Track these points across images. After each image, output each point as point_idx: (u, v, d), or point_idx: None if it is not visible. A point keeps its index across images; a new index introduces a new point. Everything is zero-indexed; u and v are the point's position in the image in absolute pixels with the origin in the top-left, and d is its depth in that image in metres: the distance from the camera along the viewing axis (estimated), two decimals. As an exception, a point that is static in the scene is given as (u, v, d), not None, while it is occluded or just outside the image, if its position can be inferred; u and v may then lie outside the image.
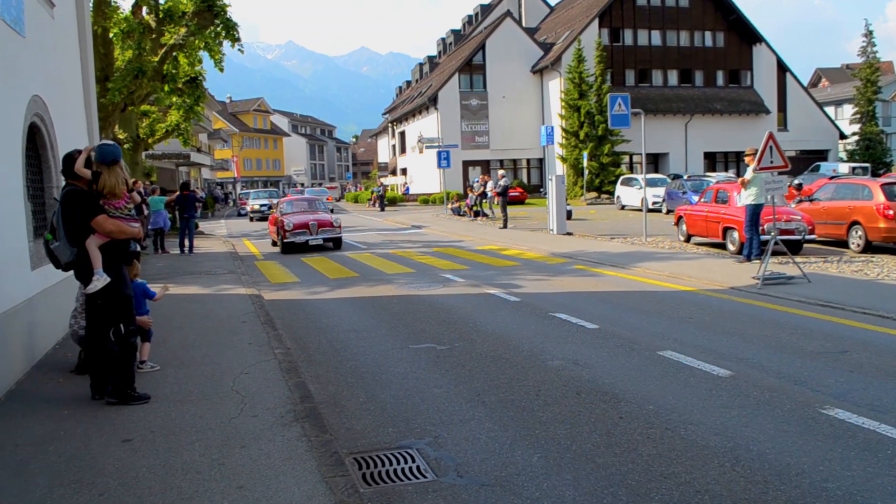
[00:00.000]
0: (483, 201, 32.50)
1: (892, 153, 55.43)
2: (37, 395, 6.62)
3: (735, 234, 15.99)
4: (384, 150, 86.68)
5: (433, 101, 54.32)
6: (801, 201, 19.06)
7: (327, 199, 56.85)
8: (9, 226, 7.30)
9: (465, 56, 56.21)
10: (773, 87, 53.05)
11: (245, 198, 54.88)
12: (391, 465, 5.07)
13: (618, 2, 51.18)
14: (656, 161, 51.08)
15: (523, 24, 60.95)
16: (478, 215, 32.34)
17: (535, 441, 5.40)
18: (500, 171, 31.00)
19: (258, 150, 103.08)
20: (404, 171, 66.48)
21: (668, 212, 28.83)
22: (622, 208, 35.59)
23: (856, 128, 55.96)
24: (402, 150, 67.81)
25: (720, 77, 53.36)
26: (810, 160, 47.04)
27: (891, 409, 5.76)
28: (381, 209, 46.10)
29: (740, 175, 15.81)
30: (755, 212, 14.03)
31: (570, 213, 25.97)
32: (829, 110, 59.64)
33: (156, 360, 7.49)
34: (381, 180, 70.31)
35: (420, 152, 55.49)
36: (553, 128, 30.83)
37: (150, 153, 37.00)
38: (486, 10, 71.22)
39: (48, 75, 9.27)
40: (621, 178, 38.81)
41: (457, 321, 9.94)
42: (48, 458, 5.05)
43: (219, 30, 20.61)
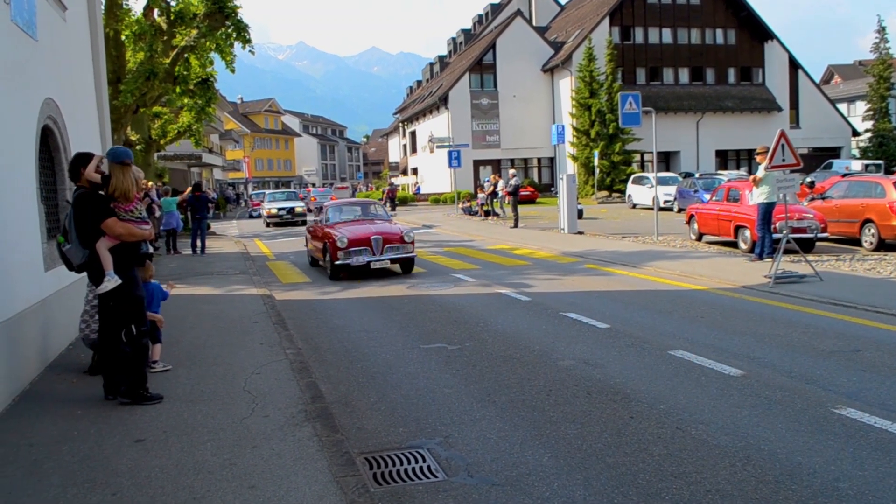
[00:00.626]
0: (494, 200, 32.48)
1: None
2: (50, 395, 6.67)
3: (747, 233, 15.92)
4: (395, 149, 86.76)
5: (444, 100, 54.31)
6: (813, 199, 18.96)
7: (331, 198, 55.63)
8: (23, 228, 7.36)
9: (475, 55, 56.17)
10: (785, 85, 52.74)
11: (258, 198, 51.67)
12: (402, 464, 5.08)
13: (628, 0, 51.04)
14: (667, 159, 50.87)
15: (534, 22, 60.86)
16: (489, 214, 32.32)
17: (546, 441, 5.40)
18: (511, 171, 30.99)
19: (269, 151, 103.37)
20: (415, 171, 66.49)
21: (680, 210, 28.72)
22: (633, 207, 35.48)
23: (869, 125, 55.53)
24: (413, 150, 67.83)
25: (731, 75, 53.09)
26: (823, 157, 46.74)
27: (904, 409, 5.73)
28: (392, 209, 46.11)
29: (752, 173, 15.74)
30: (767, 210, 13.96)
31: (580, 212, 25.91)
32: (842, 107, 59.26)
33: (168, 360, 7.54)
34: (392, 180, 70.41)
35: (431, 152, 55.51)
36: (564, 126, 30.74)
37: (162, 154, 37.17)
38: (496, 9, 71.13)
39: (61, 78, 9.33)
40: (632, 176, 38.69)
41: (468, 321, 9.95)
42: (62, 458, 5.09)
43: (230, 31, 20.67)
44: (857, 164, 39.57)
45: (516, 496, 4.51)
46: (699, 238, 18.84)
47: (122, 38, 20.82)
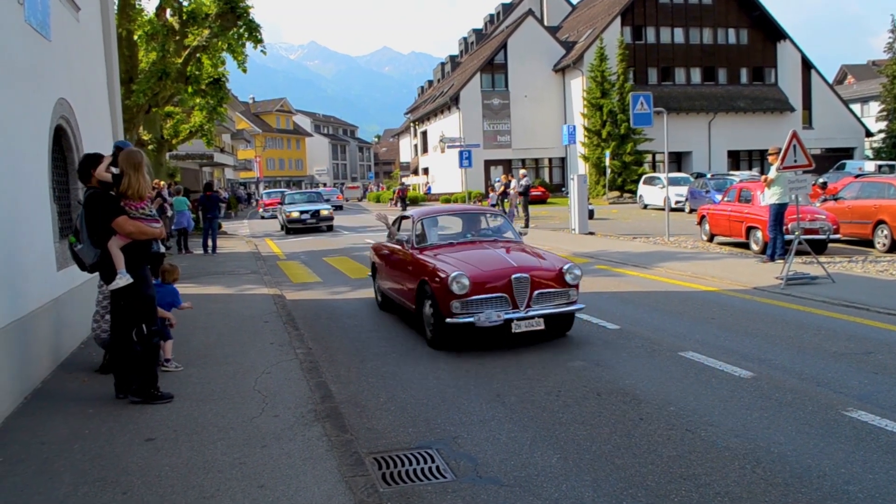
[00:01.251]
0: (505, 201, 32.44)
1: (919, 151, 54.62)
2: (62, 393, 6.71)
3: (759, 234, 15.85)
4: (406, 149, 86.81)
5: (455, 100, 54.29)
6: (825, 200, 18.86)
7: (337, 197, 50.97)
8: (35, 227, 7.41)
9: (486, 55, 56.13)
10: (798, 85, 52.46)
11: (270, 197, 46.11)
12: (411, 465, 5.09)
13: (640, 0, 50.90)
14: (679, 160, 50.69)
15: (545, 22, 60.76)
16: (499, 215, 32.25)
17: (555, 442, 5.40)
18: (522, 171, 30.92)
19: (281, 151, 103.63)
20: (426, 171, 66.50)
21: (691, 211, 28.63)
22: (645, 207, 35.39)
23: (882, 125, 55.14)
24: (424, 150, 67.84)
25: (744, 75, 52.84)
26: (836, 158, 46.45)
27: (915, 412, 5.70)
28: (403, 209, 46.09)
29: (764, 174, 15.66)
30: (779, 211, 13.90)
31: (592, 213, 25.87)
32: (855, 107, 58.87)
33: (179, 359, 7.57)
34: (403, 180, 70.44)
35: (442, 152, 55.45)
36: (575, 127, 30.70)
37: (174, 154, 37.34)
38: (507, 8, 71.09)
39: (73, 78, 9.38)
40: (644, 176, 38.58)
41: (477, 321, 9.91)
42: (73, 456, 5.12)
43: (241, 31, 20.77)
44: (870, 165, 39.28)
45: (525, 497, 4.51)
46: (710, 239, 18.78)
47: (135, 38, 20.94)
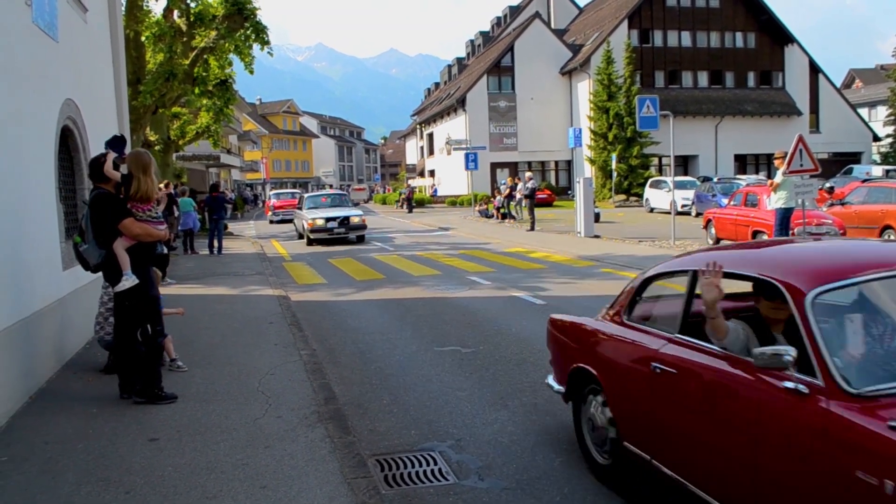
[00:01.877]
0: (510, 203, 32.46)
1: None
2: (66, 393, 6.73)
3: (764, 238, 15.82)
4: (412, 151, 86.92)
5: (461, 102, 54.37)
6: (832, 205, 18.80)
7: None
8: (41, 227, 7.44)
9: (493, 58, 56.19)
10: (805, 89, 52.38)
11: (278, 199, 41.47)
12: (413, 467, 5.09)
13: (647, 3, 50.83)
14: (686, 163, 50.63)
15: (552, 25, 60.78)
16: (505, 217, 32.29)
17: (558, 445, 5.40)
18: (528, 173, 30.94)
19: (287, 152, 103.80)
20: (432, 173, 66.58)
21: (698, 215, 28.55)
22: (651, 211, 35.33)
23: (890, 129, 55.07)
24: (431, 152, 67.93)
25: (751, 78, 52.79)
26: (843, 162, 46.37)
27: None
28: (409, 210, 46.20)
29: (771, 178, 15.66)
30: (785, 215, 13.86)
31: (598, 216, 25.84)
32: (863, 112, 58.78)
33: (183, 359, 7.57)
34: (409, 182, 70.52)
35: (448, 154, 55.50)
36: (581, 130, 30.77)
37: (181, 155, 37.41)
38: (514, 11, 71.15)
39: (81, 79, 9.42)
40: (650, 180, 38.56)
41: (482, 324, 9.94)
42: (76, 456, 5.13)
43: (248, 33, 20.84)
44: (877, 170, 39.22)
45: (527, 500, 4.51)
46: (716, 243, 18.72)
47: (143, 39, 21.03)
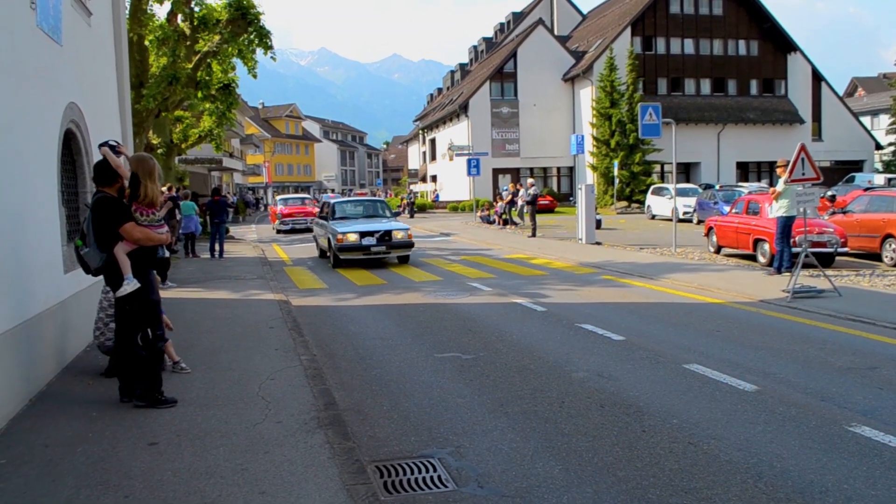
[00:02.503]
0: (512, 209, 32.47)
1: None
2: (67, 396, 6.74)
3: (766, 246, 15.82)
4: (414, 156, 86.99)
5: (464, 108, 54.43)
6: (834, 213, 18.80)
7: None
8: (43, 230, 7.45)
9: (496, 64, 56.26)
10: (808, 97, 52.40)
11: (286, 205, 36.42)
12: (412, 473, 5.09)
13: (651, 10, 50.94)
14: (688, 170, 50.63)
15: (555, 32, 60.91)
16: (507, 223, 32.30)
17: (557, 453, 5.39)
18: (530, 180, 30.94)
19: (289, 156, 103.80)
20: (434, 179, 66.63)
21: (699, 222, 28.53)
22: (652, 218, 35.33)
23: (892, 138, 55.06)
24: (433, 158, 67.99)
25: (754, 86, 52.83)
26: (845, 171, 46.36)
27: (920, 428, 5.67)
28: (411, 216, 46.20)
29: (773, 186, 15.63)
30: (786, 224, 13.88)
31: (599, 223, 25.85)
32: (865, 120, 58.80)
33: (184, 363, 7.59)
34: (411, 187, 70.57)
35: (450, 160, 55.54)
36: (583, 137, 30.77)
37: (183, 158, 37.45)
38: (517, 17, 71.28)
39: (84, 82, 9.45)
40: (652, 187, 38.53)
41: (482, 330, 9.94)
42: (76, 459, 5.14)
43: (252, 37, 20.84)
44: (879, 178, 39.17)
45: (526, 508, 4.50)
46: (718, 251, 18.73)
47: (146, 42, 21.04)
